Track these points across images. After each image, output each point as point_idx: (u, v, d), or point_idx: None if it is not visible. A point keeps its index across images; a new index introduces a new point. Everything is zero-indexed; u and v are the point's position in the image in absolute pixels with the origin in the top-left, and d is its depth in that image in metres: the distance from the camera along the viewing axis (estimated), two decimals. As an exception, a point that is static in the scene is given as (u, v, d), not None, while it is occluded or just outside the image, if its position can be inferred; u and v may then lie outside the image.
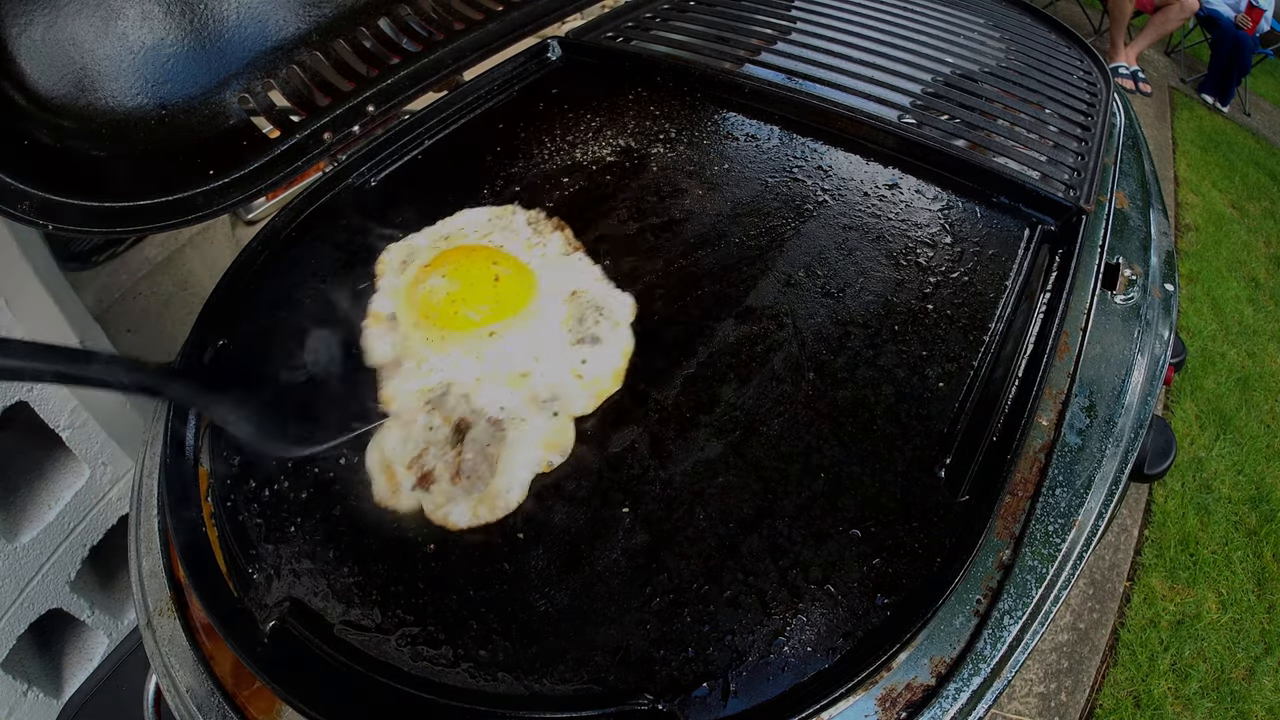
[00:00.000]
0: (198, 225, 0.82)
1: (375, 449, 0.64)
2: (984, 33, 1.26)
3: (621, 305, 0.73)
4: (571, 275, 0.76)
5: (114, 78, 0.78)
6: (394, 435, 0.64)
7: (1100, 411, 0.70)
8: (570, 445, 0.64)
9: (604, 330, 0.70)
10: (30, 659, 1.16)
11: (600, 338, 0.69)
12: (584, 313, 0.71)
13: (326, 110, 0.92)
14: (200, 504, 0.63)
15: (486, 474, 0.61)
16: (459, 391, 0.65)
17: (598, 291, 0.74)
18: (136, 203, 0.75)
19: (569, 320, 0.70)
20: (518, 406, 0.64)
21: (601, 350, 0.68)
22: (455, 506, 0.59)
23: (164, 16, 0.81)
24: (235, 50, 0.87)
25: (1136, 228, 0.94)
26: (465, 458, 0.62)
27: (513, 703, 0.50)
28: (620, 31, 1.22)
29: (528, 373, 0.66)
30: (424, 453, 0.63)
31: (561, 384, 0.66)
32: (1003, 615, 0.55)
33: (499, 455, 0.61)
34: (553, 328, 0.70)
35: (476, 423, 0.64)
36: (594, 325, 0.70)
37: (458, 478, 0.61)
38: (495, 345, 0.67)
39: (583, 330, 0.69)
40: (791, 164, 0.93)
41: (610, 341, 0.69)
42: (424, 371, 0.66)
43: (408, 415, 0.64)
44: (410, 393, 0.65)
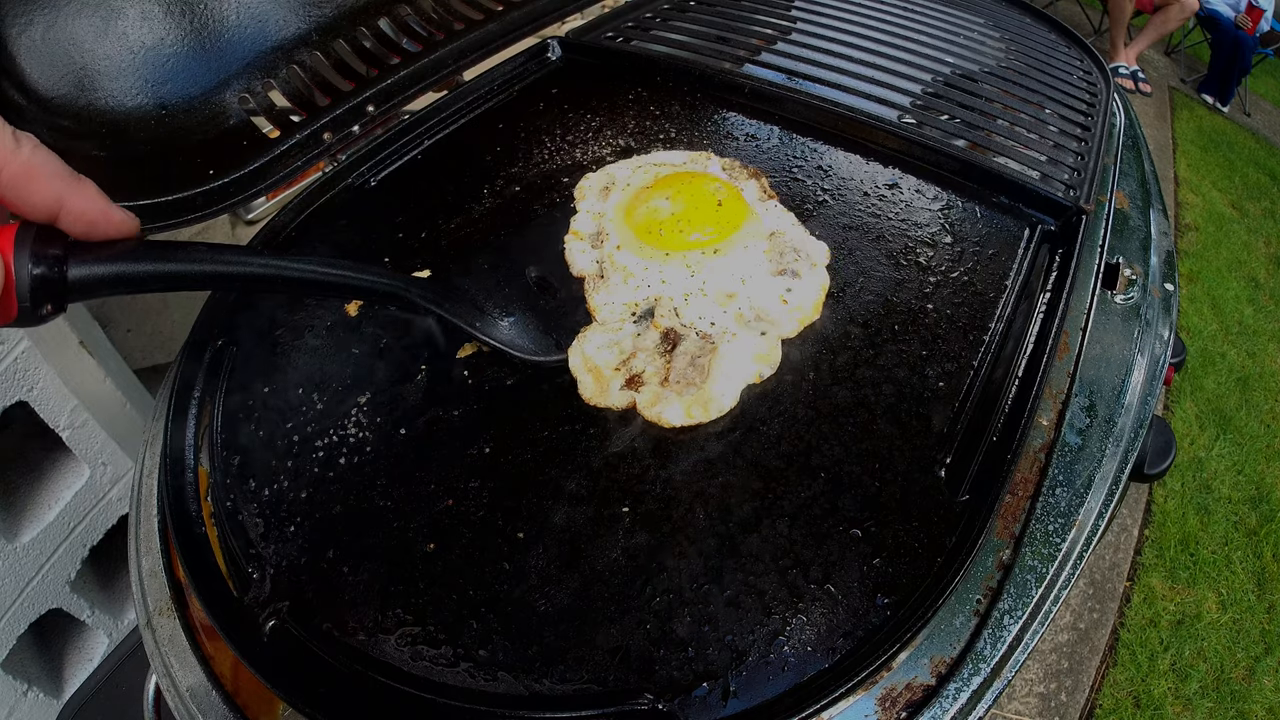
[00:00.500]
0: (198, 225, 0.82)
1: (578, 351, 0.67)
2: (984, 33, 1.26)
3: (818, 250, 0.78)
4: (769, 218, 0.80)
5: (114, 78, 0.78)
6: (599, 338, 0.68)
7: (1100, 411, 0.70)
8: (778, 361, 0.68)
9: (803, 267, 0.74)
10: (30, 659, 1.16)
11: (800, 273, 0.73)
12: (783, 250, 0.75)
13: (326, 110, 0.92)
14: (200, 504, 0.63)
15: (698, 380, 0.65)
16: (668, 305, 0.69)
17: (794, 235, 0.78)
18: (136, 203, 0.75)
19: (770, 252, 0.75)
20: (727, 323, 0.69)
21: (802, 283, 0.73)
22: (669, 406, 0.64)
23: (164, 16, 0.81)
24: (235, 50, 0.88)
25: (1136, 228, 0.94)
26: (675, 365, 0.66)
27: (513, 703, 0.50)
28: (620, 31, 1.22)
29: (734, 294, 0.71)
30: (632, 357, 0.67)
31: (768, 307, 0.71)
32: (1003, 615, 0.55)
33: (711, 365, 0.66)
34: (757, 257, 0.74)
35: (686, 335, 0.68)
36: (794, 261, 0.74)
37: (667, 382, 0.65)
38: (707, 264, 0.71)
39: (783, 263, 0.74)
40: (791, 164, 0.93)
41: (809, 277, 0.74)
42: (631, 286, 0.71)
43: (614, 323, 0.69)
44: (617, 304, 0.70)
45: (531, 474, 0.62)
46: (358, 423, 0.67)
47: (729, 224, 0.74)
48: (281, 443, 0.66)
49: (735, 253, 0.73)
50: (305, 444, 0.65)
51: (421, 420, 0.66)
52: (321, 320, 0.76)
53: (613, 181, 0.86)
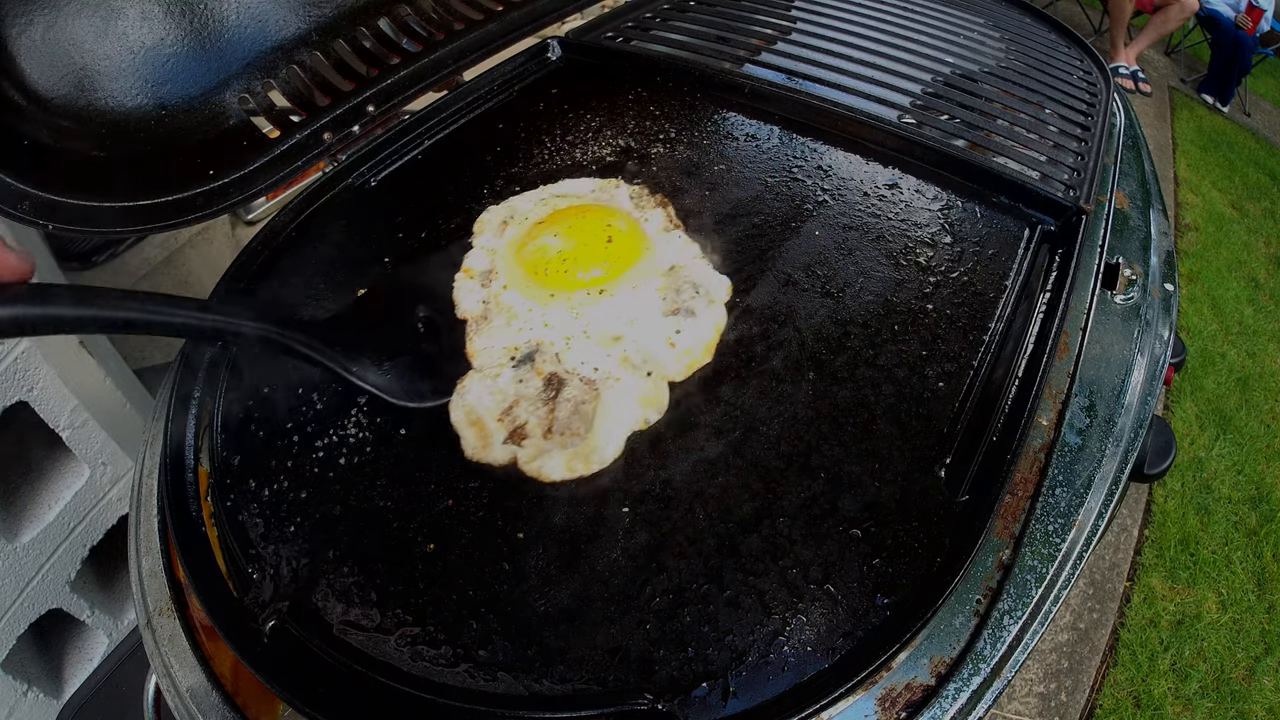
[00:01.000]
0: (198, 225, 0.82)
1: (459, 404, 0.64)
2: (984, 33, 1.26)
3: (719, 285, 0.75)
4: (670, 251, 0.77)
5: (114, 78, 0.78)
6: (478, 386, 0.65)
7: (1100, 411, 0.70)
8: (665, 404, 0.66)
9: (699, 305, 0.71)
10: (30, 659, 1.16)
11: (695, 311, 0.70)
12: (680, 286, 0.72)
13: (326, 110, 0.92)
14: (200, 504, 0.63)
15: (582, 430, 0.62)
16: (549, 350, 0.67)
17: (695, 269, 0.75)
18: (136, 203, 0.75)
19: (665, 290, 0.72)
20: (611, 368, 0.66)
21: (695, 323, 0.70)
22: (550, 460, 0.60)
23: (164, 16, 0.81)
24: (235, 50, 0.87)
25: (1136, 228, 0.94)
26: (558, 414, 0.63)
27: (512, 703, 0.50)
28: (620, 31, 1.22)
29: (619, 336, 0.68)
30: (515, 405, 0.64)
31: (655, 350, 0.68)
32: (1003, 615, 0.55)
33: (594, 412, 0.63)
34: (649, 296, 0.71)
35: (569, 381, 0.65)
36: (690, 299, 0.71)
37: (550, 433, 0.62)
38: (592, 306, 0.68)
39: (679, 301, 0.71)
40: (791, 164, 0.93)
41: (704, 316, 0.71)
42: (513, 329, 0.68)
43: (491, 369, 0.66)
44: (496, 349, 0.67)
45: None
46: (358, 423, 0.66)
47: (619, 262, 0.71)
48: (281, 443, 0.66)
49: (624, 293, 0.70)
50: (305, 444, 0.65)
51: (421, 419, 0.66)
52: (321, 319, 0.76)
53: (512, 215, 0.81)
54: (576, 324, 0.68)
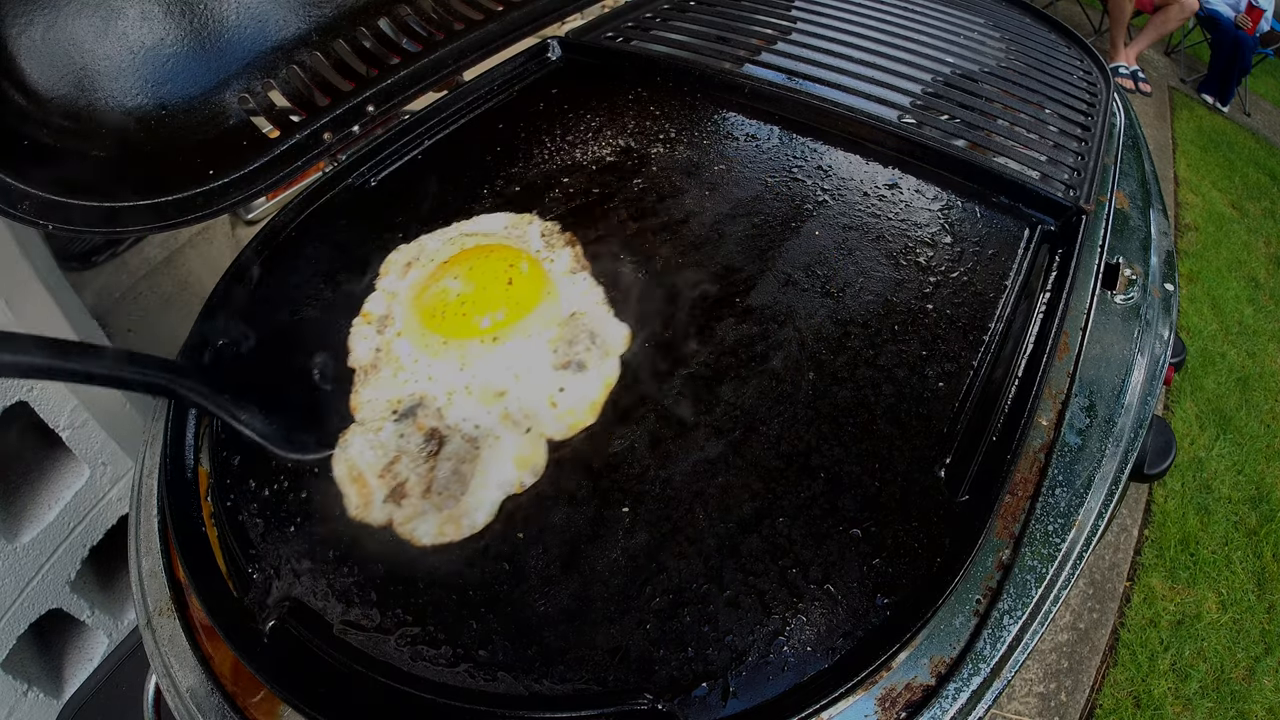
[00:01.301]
0: (198, 225, 0.82)
1: (341, 460, 0.62)
2: (984, 33, 1.26)
3: (616, 334, 0.72)
4: (573, 295, 0.74)
5: (114, 78, 0.78)
6: (360, 441, 0.63)
7: (1100, 411, 0.70)
8: (542, 466, 0.62)
9: (592, 358, 0.68)
10: (30, 659, 1.16)
11: (586, 365, 0.67)
12: (576, 335, 0.69)
13: (326, 110, 0.92)
14: (200, 504, 0.63)
15: (459, 492, 0.60)
16: (432, 405, 0.64)
17: (595, 316, 0.72)
18: (136, 203, 0.75)
19: (558, 340, 0.69)
20: (491, 424, 0.63)
21: (584, 379, 0.67)
22: (423, 522, 0.58)
23: (164, 16, 0.81)
24: (235, 50, 0.87)
25: (1136, 228, 0.94)
26: (438, 473, 0.60)
27: (512, 703, 0.50)
28: (620, 31, 1.22)
29: (504, 392, 0.65)
30: (396, 461, 0.61)
31: (536, 409, 0.65)
32: (1003, 615, 0.55)
33: (472, 473, 0.60)
34: (540, 346, 0.68)
35: (451, 438, 0.63)
36: (584, 351, 0.68)
37: (429, 493, 0.60)
38: (481, 357, 0.66)
39: (571, 353, 0.67)
40: (791, 164, 0.93)
41: (595, 370, 0.68)
42: (398, 380, 0.65)
43: (373, 423, 0.63)
44: (379, 401, 0.65)
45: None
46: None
47: (518, 306, 0.68)
48: (281, 443, 0.65)
49: (516, 342, 0.67)
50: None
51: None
52: (321, 320, 0.75)
53: (420, 254, 0.78)
54: (461, 377, 0.65)
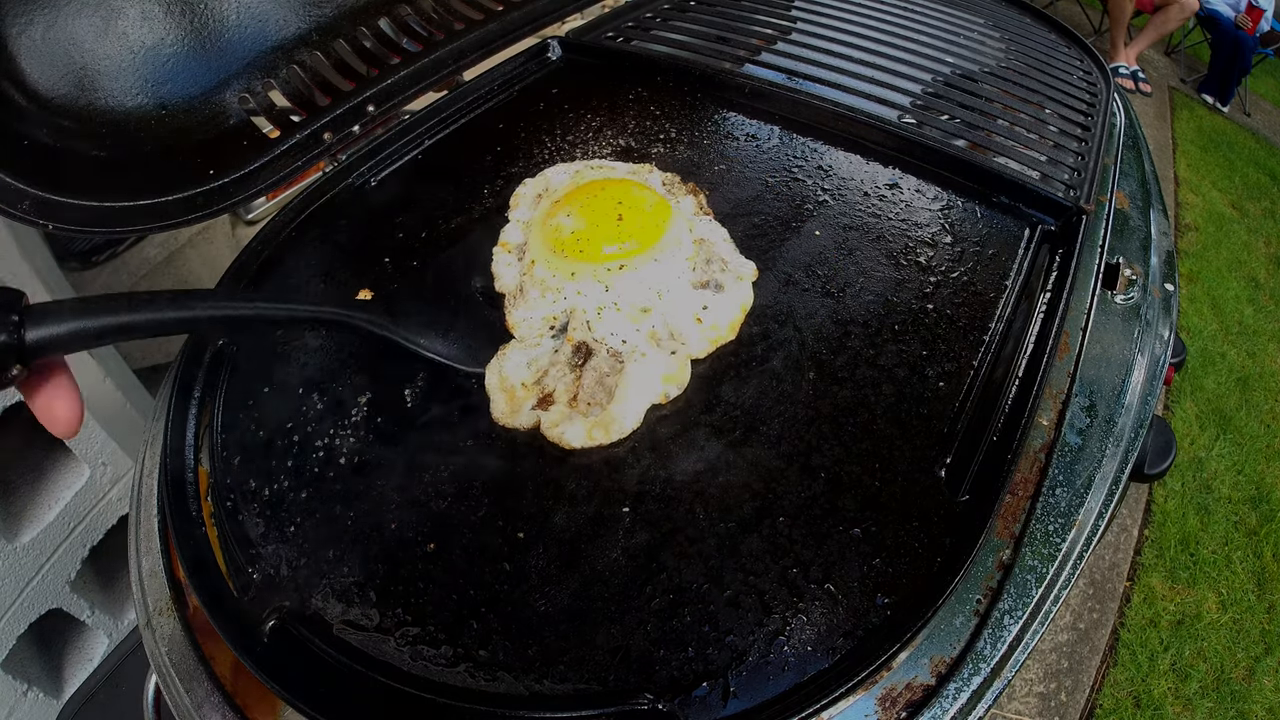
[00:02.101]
0: (198, 225, 0.82)
1: (495, 370, 0.68)
2: (984, 33, 1.26)
3: (746, 266, 0.76)
4: (700, 229, 0.78)
5: (114, 78, 0.78)
6: (516, 357, 0.68)
7: (1100, 411, 0.70)
8: (686, 381, 0.67)
9: (728, 280, 0.72)
10: (30, 659, 1.16)
11: (724, 285, 0.71)
12: (711, 257, 0.73)
13: (326, 110, 0.92)
14: (200, 504, 0.63)
15: (604, 400, 0.65)
16: (581, 318, 0.68)
17: (724, 250, 0.76)
18: (136, 203, 0.75)
19: (695, 259, 0.72)
20: (638, 341, 0.68)
21: (723, 298, 0.71)
22: (572, 427, 0.63)
23: (164, 16, 0.81)
24: (235, 50, 0.87)
25: (1136, 228, 0.94)
26: (584, 384, 0.65)
27: (512, 702, 0.50)
28: (620, 31, 1.22)
29: (649, 309, 0.69)
30: (546, 374, 0.67)
31: (681, 326, 0.69)
32: (1003, 615, 0.55)
33: (617, 384, 0.65)
34: (679, 265, 0.72)
35: (598, 351, 0.67)
36: (719, 273, 0.72)
37: (575, 402, 0.65)
38: (620, 278, 0.69)
39: (708, 273, 0.71)
40: (791, 164, 0.93)
41: (732, 291, 0.72)
42: (548, 300, 0.70)
43: (532, 339, 0.69)
44: (535, 319, 0.70)
45: (532, 474, 0.62)
46: (358, 423, 0.67)
47: (636, 238, 0.72)
48: (281, 443, 0.66)
49: (649, 267, 0.71)
50: (305, 444, 0.65)
51: (421, 420, 0.66)
52: (321, 320, 0.76)
53: (547, 188, 0.83)
54: (608, 295, 0.69)
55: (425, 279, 0.79)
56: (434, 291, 0.78)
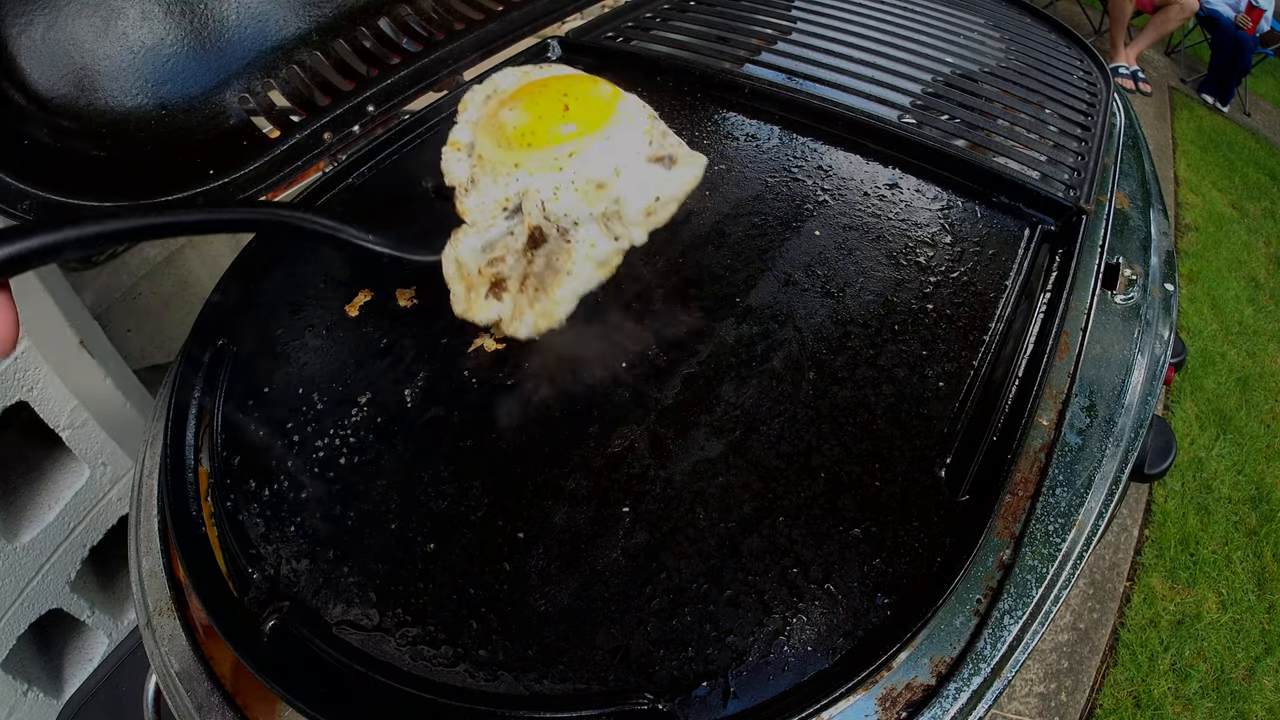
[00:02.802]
0: (198, 225, 0.81)
1: (450, 257, 0.68)
2: (984, 33, 1.26)
3: (695, 156, 0.73)
4: (644, 116, 0.75)
5: (114, 78, 0.78)
6: (471, 241, 0.68)
7: (1100, 411, 0.70)
8: (613, 270, 0.68)
9: (682, 154, 0.70)
10: (30, 659, 1.16)
11: (678, 159, 0.70)
12: (665, 131, 0.72)
13: (326, 110, 0.92)
14: (200, 504, 0.63)
15: (551, 284, 0.66)
16: (535, 199, 0.67)
17: (672, 137, 0.75)
18: (136, 203, 0.75)
19: (651, 132, 0.70)
20: (589, 225, 0.67)
21: (676, 173, 0.69)
22: (522, 321, 0.66)
23: (164, 16, 0.81)
24: (235, 50, 0.87)
25: (1136, 228, 0.94)
26: (534, 267, 0.67)
27: (512, 702, 0.50)
28: (620, 31, 1.22)
29: (606, 184, 0.67)
30: (500, 259, 0.68)
31: (633, 213, 0.68)
32: (1003, 615, 0.55)
33: (563, 268, 0.66)
34: (636, 139, 0.70)
35: (549, 233, 0.67)
36: (675, 147, 0.71)
37: (525, 286, 0.67)
38: (575, 160, 0.68)
39: (665, 146, 0.70)
40: (791, 164, 0.93)
41: (685, 166, 0.70)
42: (501, 185, 0.69)
43: (485, 223, 0.68)
44: (488, 203, 0.69)
45: (531, 474, 0.62)
46: (358, 423, 0.67)
47: (589, 121, 0.69)
48: (281, 443, 0.66)
49: (601, 145, 0.68)
50: (305, 444, 0.65)
51: (421, 420, 0.66)
52: (322, 320, 0.76)
53: (495, 90, 0.80)
54: (562, 175, 0.67)
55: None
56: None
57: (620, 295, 0.76)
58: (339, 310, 0.76)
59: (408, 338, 0.73)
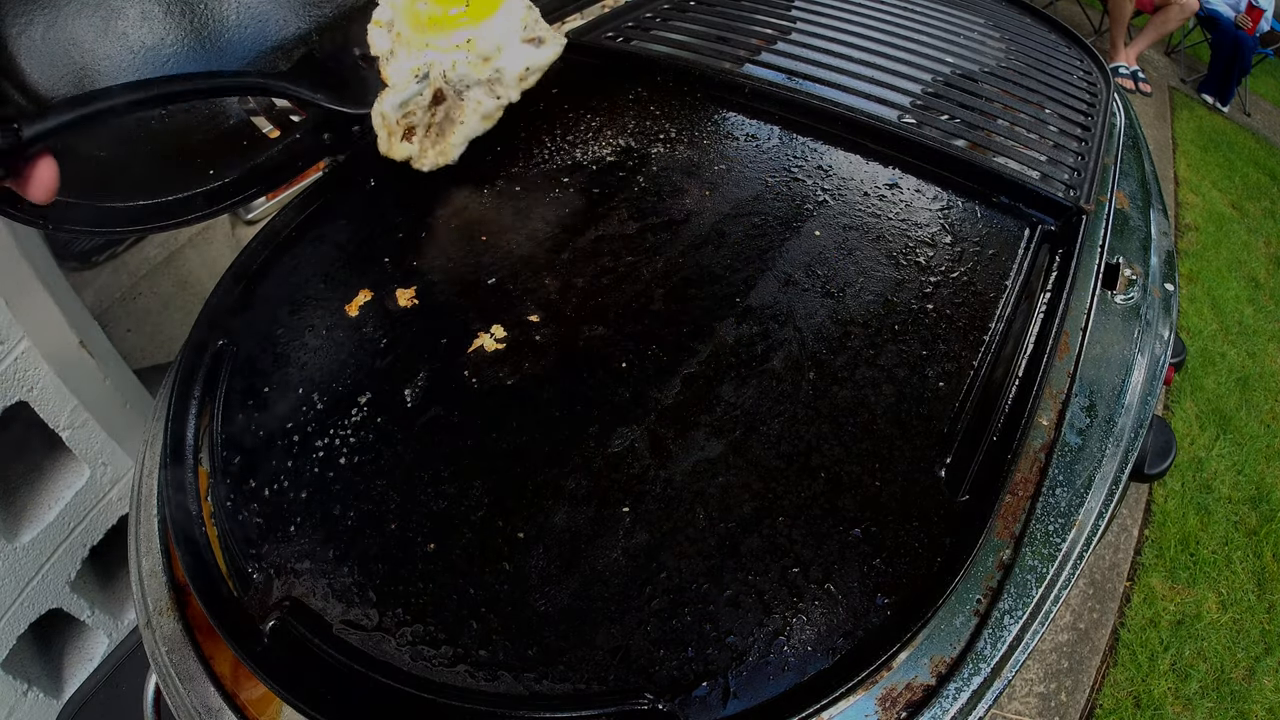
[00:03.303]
0: (198, 225, 0.82)
1: (376, 110, 0.86)
2: (984, 33, 1.26)
3: (559, 36, 0.95)
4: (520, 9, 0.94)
5: (114, 78, 0.78)
6: (391, 99, 0.86)
7: (1100, 411, 0.70)
8: (495, 121, 0.91)
9: (550, 37, 0.93)
10: (30, 659, 1.16)
11: (545, 40, 0.92)
12: (538, 19, 0.92)
13: (326, 110, 0.91)
14: (200, 504, 0.63)
15: (448, 131, 0.89)
16: (439, 69, 0.87)
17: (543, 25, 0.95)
18: (136, 203, 0.75)
19: (526, 19, 0.91)
20: (478, 88, 0.89)
21: (544, 50, 0.92)
22: (426, 159, 0.88)
23: (164, 16, 0.80)
24: (235, 50, 0.87)
25: (1136, 228, 0.94)
26: (435, 119, 0.88)
27: (512, 702, 0.50)
28: (620, 31, 1.22)
29: (490, 58, 0.88)
30: (412, 113, 0.87)
31: (509, 79, 0.90)
32: (1003, 615, 0.55)
33: (457, 119, 0.89)
34: (514, 24, 0.90)
35: (448, 94, 0.88)
36: (543, 31, 0.92)
37: (430, 132, 0.89)
38: (470, 34, 0.87)
39: (535, 30, 0.91)
40: (791, 164, 0.93)
41: (551, 44, 0.92)
42: (414, 57, 0.87)
43: (401, 85, 0.86)
44: (404, 70, 0.86)
45: (532, 474, 0.62)
46: (358, 423, 0.67)
47: (481, 10, 0.88)
48: (281, 443, 0.66)
49: (488, 25, 0.87)
50: (305, 444, 0.65)
51: (421, 420, 0.66)
52: (322, 320, 0.76)
53: None
54: (458, 52, 0.87)
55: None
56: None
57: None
58: (339, 310, 0.76)
59: (408, 338, 0.73)
